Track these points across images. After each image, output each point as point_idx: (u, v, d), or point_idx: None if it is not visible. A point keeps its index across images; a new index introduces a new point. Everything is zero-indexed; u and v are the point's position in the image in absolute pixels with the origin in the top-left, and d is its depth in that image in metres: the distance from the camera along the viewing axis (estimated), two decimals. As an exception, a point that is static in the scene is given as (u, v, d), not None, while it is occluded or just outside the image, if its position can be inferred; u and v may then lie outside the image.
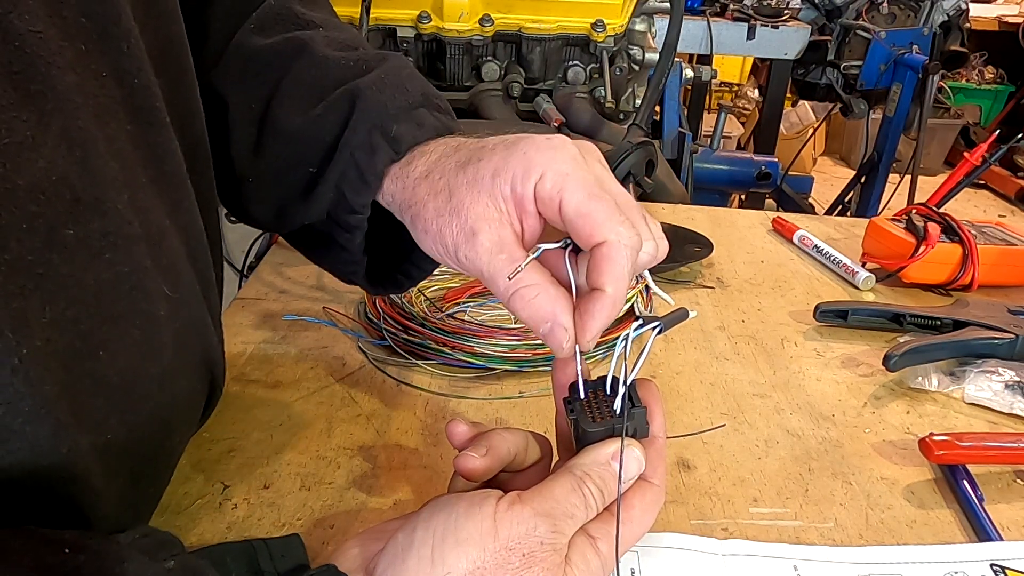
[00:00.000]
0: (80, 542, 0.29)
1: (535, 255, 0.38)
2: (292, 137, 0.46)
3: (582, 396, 0.40)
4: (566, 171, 0.36)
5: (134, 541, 0.31)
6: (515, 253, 0.37)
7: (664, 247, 0.40)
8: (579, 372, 0.40)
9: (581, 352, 0.39)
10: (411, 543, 0.35)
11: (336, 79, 0.47)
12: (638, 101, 1.28)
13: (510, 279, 0.37)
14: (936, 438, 0.54)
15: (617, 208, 0.37)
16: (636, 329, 0.39)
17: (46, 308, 0.30)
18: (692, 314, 0.42)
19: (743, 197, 2.35)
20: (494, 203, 0.37)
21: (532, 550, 0.34)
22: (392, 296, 0.69)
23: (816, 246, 0.91)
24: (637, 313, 0.71)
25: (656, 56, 1.11)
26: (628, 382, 0.39)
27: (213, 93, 0.49)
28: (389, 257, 0.50)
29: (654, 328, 0.40)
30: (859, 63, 2.35)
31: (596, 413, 0.39)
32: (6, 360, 0.28)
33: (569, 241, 0.38)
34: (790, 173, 2.55)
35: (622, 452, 0.38)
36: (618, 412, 0.39)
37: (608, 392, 0.40)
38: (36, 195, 0.29)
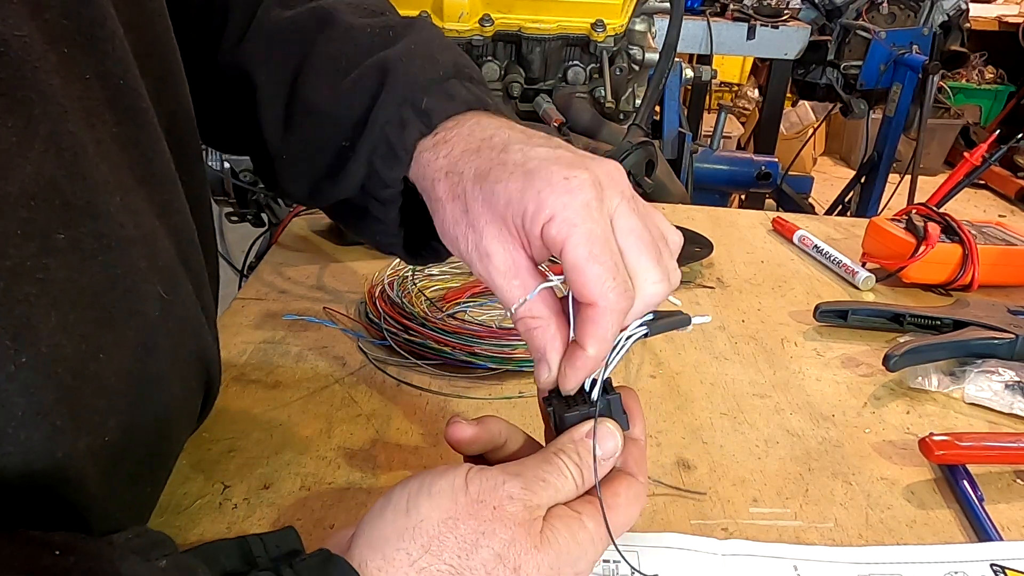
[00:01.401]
0: (71, 543, 0.29)
1: (535, 293, 0.38)
2: (322, 113, 0.46)
3: (562, 394, 0.41)
4: (574, 221, 0.36)
5: (127, 541, 0.31)
6: (527, 279, 0.38)
7: (676, 281, 0.40)
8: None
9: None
10: (388, 500, 0.36)
11: (364, 49, 0.46)
12: (638, 101, 1.28)
13: (515, 311, 0.38)
14: (936, 438, 0.54)
15: (615, 269, 0.36)
16: (628, 337, 0.40)
17: (51, 313, 0.30)
18: (703, 319, 0.43)
19: (743, 197, 2.35)
20: (507, 228, 0.37)
21: (502, 503, 0.36)
22: (392, 296, 0.70)
23: (816, 246, 0.91)
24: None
25: (656, 56, 1.11)
26: (604, 375, 0.40)
27: (240, 71, 0.48)
28: (426, 229, 0.49)
29: (641, 334, 0.41)
30: (859, 63, 2.34)
31: (573, 404, 0.41)
32: (2, 367, 0.28)
33: None
34: (790, 173, 2.55)
35: (595, 425, 0.39)
36: (592, 397, 0.41)
37: (587, 390, 0.41)
38: (27, 201, 0.29)
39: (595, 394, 0.40)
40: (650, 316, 0.41)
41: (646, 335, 0.41)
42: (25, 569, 0.27)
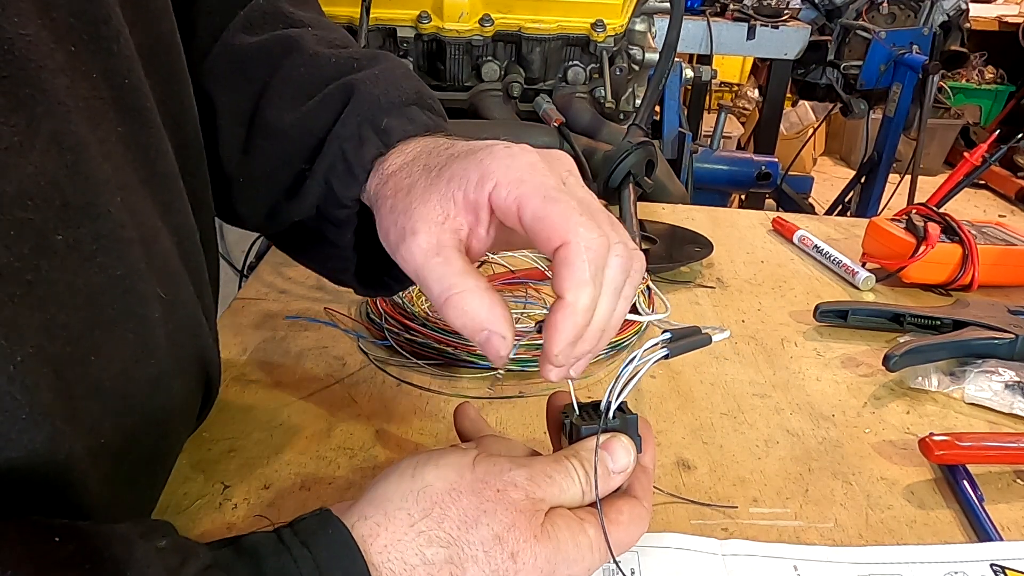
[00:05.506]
0: (72, 529, 0.29)
1: (517, 347, 0.37)
2: (283, 134, 0.46)
3: (578, 410, 0.42)
4: (522, 178, 0.35)
5: (128, 528, 0.31)
6: (451, 256, 0.35)
7: (639, 256, 0.37)
8: (572, 394, 0.42)
9: (571, 378, 0.39)
10: (395, 468, 0.37)
11: (328, 75, 0.46)
12: (638, 101, 1.28)
13: (499, 366, 0.38)
14: (936, 438, 0.54)
15: (578, 209, 0.34)
16: (642, 356, 0.40)
17: (35, 314, 0.30)
18: (723, 336, 0.43)
19: (743, 197, 2.35)
20: (441, 206, 0.36)
21: (505, 488, 0.36)
22: (394, 296, 0.69)
23: (816, 246, 0.91)
24: (640, 312, 0.71)
25: (656, 56, 1.11)
26: (623, 396, 0.41)
27: (200, 93, 0.48)
28: (379, 259, 0.49)
29: (660, 356, 0.41)
30: (859, 63, 2.34)
31: (589, 420, 0.41)
32: (2, 367, 0.28)
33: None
34: (790, 173, 2.55)
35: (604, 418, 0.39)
36: (608, 413, 0.41)
37: (602, 410, 0.41)
38: (24, 201, 0.29)
39: (611, 411, 0.41)
40: (668, 336, 0.41)
41: (666, 356, 0.41)
42: (25, 556, 0.27)
